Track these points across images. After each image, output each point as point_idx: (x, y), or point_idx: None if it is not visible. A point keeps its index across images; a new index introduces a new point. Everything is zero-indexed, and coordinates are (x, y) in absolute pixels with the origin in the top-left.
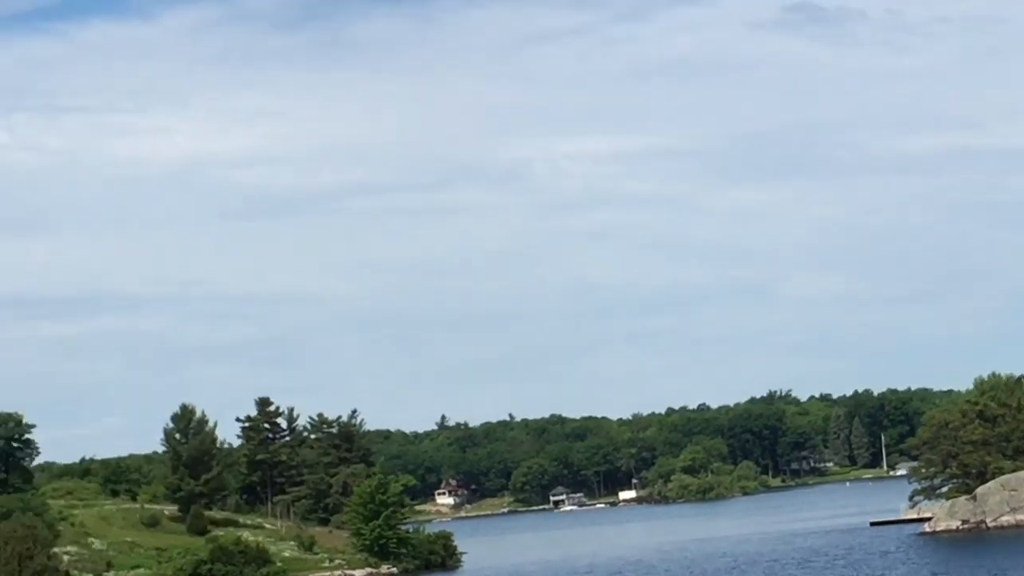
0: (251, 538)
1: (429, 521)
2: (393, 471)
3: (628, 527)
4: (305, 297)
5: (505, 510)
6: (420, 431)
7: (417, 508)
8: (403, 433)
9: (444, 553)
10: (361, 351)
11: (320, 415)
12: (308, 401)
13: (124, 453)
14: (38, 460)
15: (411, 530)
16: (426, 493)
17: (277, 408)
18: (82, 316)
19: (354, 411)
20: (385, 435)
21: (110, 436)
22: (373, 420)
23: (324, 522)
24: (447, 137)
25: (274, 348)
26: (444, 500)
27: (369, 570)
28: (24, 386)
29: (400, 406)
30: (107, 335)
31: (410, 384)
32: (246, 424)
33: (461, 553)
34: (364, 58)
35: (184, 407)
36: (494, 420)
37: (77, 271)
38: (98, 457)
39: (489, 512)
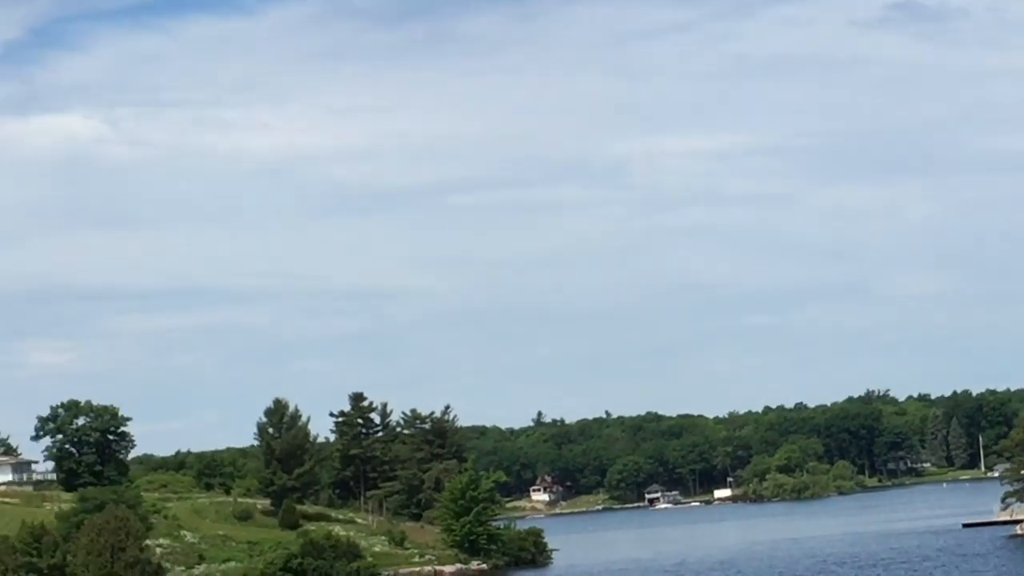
0: (342, 533)
1: (523, 517)
2: (488, 467)
3: (721, 526)
4: (403, 292)
5: (600, 507)
6: (516, 427)
7: (512, 504)
8: (499, 429)
9: (534, 550)
10: (458, 347)
11: (413, 411)
12: (405, 396)
13: (221, 447)
14: (134, 453)
15: (502, 526)
16: (521, 489)
17: (371, 403)
18: (181, 310)
19: (447, 407)
20: (481, 431)
21: (207, 429)
22: (469, 416)
23: (416, 517)
24: (547, 133)
25: (372, 343)
26: (539, 497)
27: (459, 566)
28: (123, 379)
29: (496, 402)
30: (206, 329)
31: (507, 380)
32: (340, 419)
33: (551, 550)
34: (465, 54)
35: (277, 401)
36: (590, 417)
37: (177, 265)
38: (195, 450)
39: (584, 509)
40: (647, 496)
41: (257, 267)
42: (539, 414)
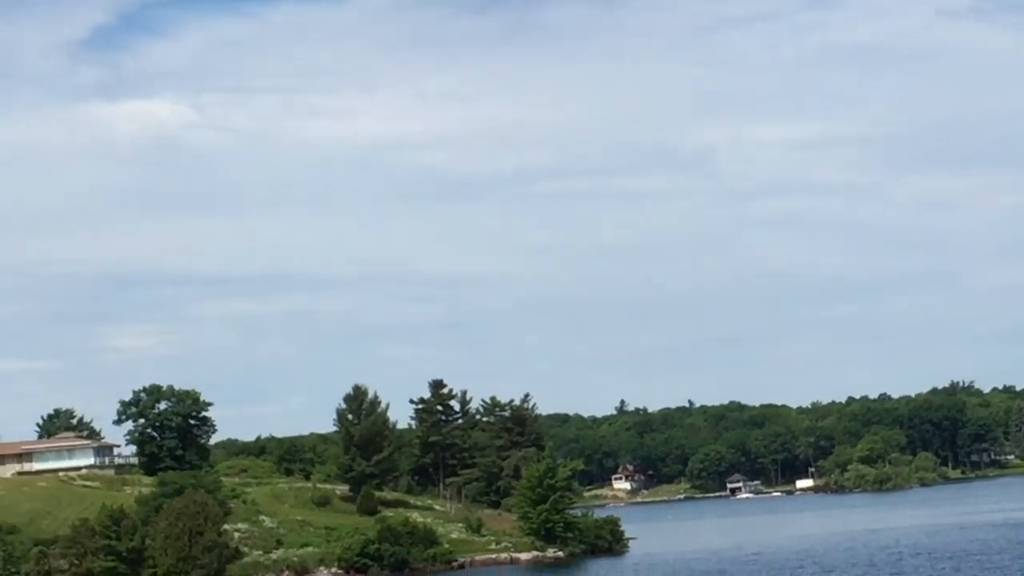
0: (419, 519)
1: (603, 505)
2: (570, 456)
3: (801, 516)
4: (488, 280)
5: (681, 496)
6: (599, 416)
7: (593, 493)
8: (581, 418)
9: (611, 538)
10: (542, 334)
11: (493, 398)
12: (487, 383)
13: (304, 432)
14: (216, 438)
15: (579, 514)
16: (603, 478)
17: (450, 391)
18: (268, 295)
19: (527, 395)
20: (563, 419)
21: (291, 415)
22: (552, 404)
23: (495, 505)
24: (633, 122)
25: (456, 330)
26: (621, 485)
27: (535, 553)
28: (207, 364)
29: (579, 390)
30: (292, 314)
31: (590, 368)
32: (420, 406)
33: (628, 539)
34: (553, 42)
35: (357, 388)
36: (673, 406)
37: (264, 250)
38: (280, 435)
39: (666, 498)
40: (729, 486)
41: (343, 253)
42: (622, 403)
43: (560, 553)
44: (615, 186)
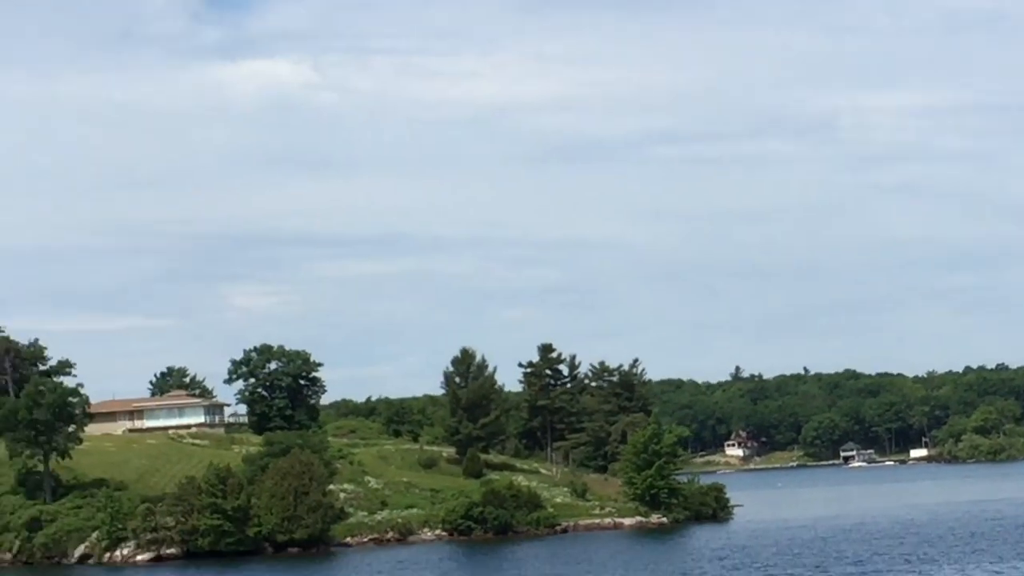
0: (524, 483)
1: (714, 472)
2: (683, 421)
3: (912, 486)
4: (605, 244)
5: (794, 464)
6: (713, 382)
7: (706, 459)
8: (695, 383)
9: (715, 505)
10: (658, 299)
11: (602, 363)
12: (601, 347)
13: (418, 394)
14: (332, 398)
15: (685, 481)
16: (716, 444)
17: (559, 355)
18: (384, 256)
19: (635, 360)
20: (677, 385)
21: (404, 377)
22: (665, 369)
23: (602, 469)
24: (753, 87)
25: (571, 294)
26: (733, 452)
27: (639, 519)
28: (324, 324)
29: (693, 356)
30: (407, 276)
31: (705, 334)
32: (528, 370)
33: (734, 506)
34: (673, 5)
35: (464, 351)
36: (788, 373)
37: (380, 212)
38: (393, 397)
39: (778, 465)
40: (842, 454)
41: (459, 216)
42: (737, 369)
43: (664, 519)
44: (734, 151)
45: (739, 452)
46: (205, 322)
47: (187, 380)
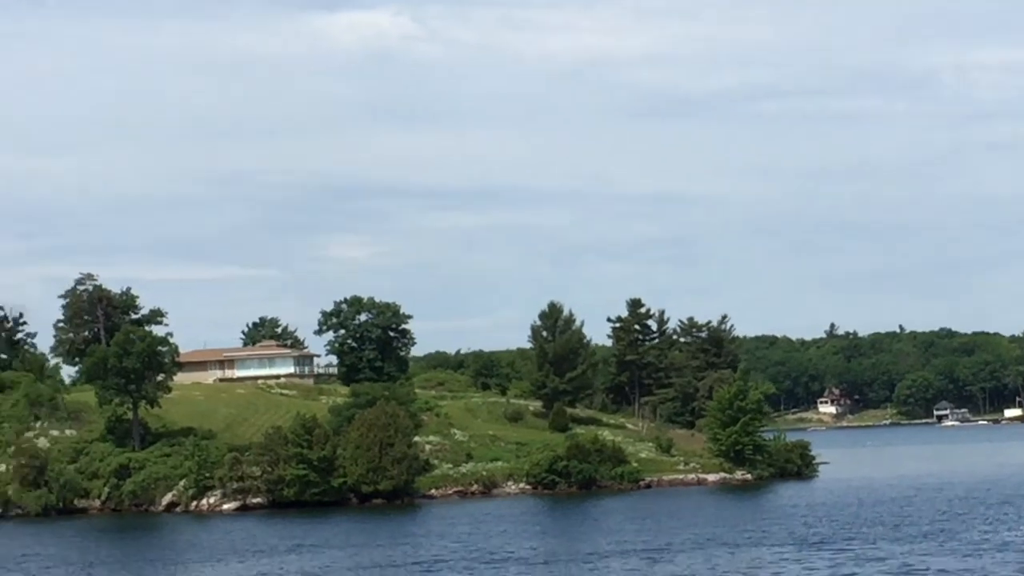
0: (609, 437)
1: (805, 429)
2: (776, 378)
3: (1003, 446)
4: (703, 199)
5: (887, 422)
6: (807, 339)
7: (798, 416)
8: (789, 340)
9: (800, 462)
10: (754, 255)
11: (690, 319)
12: (697, 302)
13: (512, 347)
14: (426, 349)
15: (771, 438)
16: (808, 401)
17: (648, 310)
18: (479, 209)
19: (724, 316)
20: (771, 341)
21: (497, 329)
22: (760, 325)
23: (690, 425)
24: (853, 43)
25: (668, 249)
26: (826, 409)
27: (723, 475)
28: (419, 275)
29: (789, 312)
30: (502, 229)
31: (801, 291)
32: (617, 325)
33: (819, 463)
34: None
35: (552, 305)
36: (882, 331)
37: (478, 164)
38: (488, 349)
39: (871, 423)
40: (935, 413)
41: (558, 169)
42: (832, 326)
43: (748, 476)
44: (834, 107)
45: (832, 409)
46: (301, 272)
47: (279, 330)
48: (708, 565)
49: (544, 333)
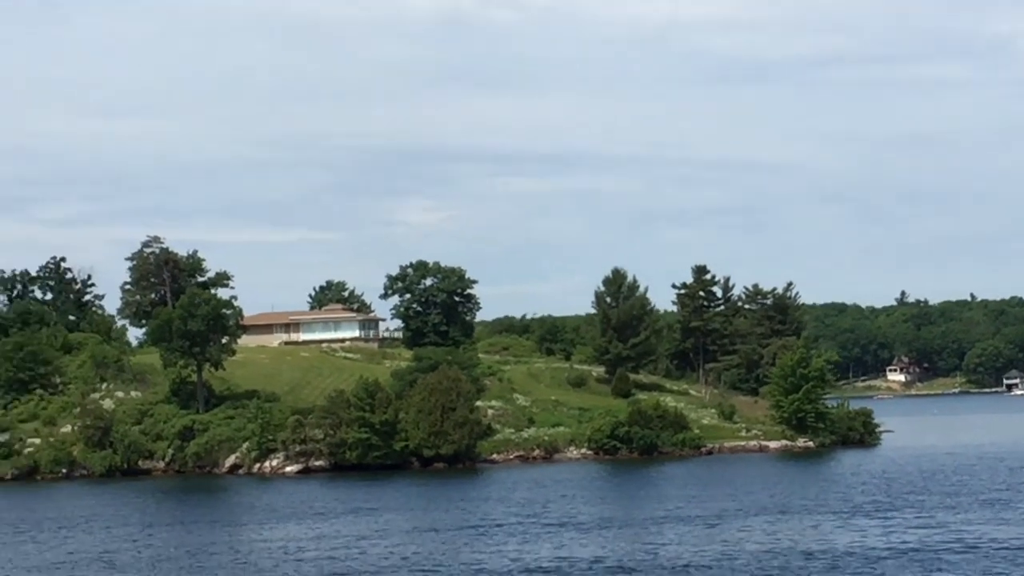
0: (672, 404)
1: (873, 397)
2: (845, 346)
3: None
4: (775, 166)
5: (956, 390)
6: (877, 306)
7: (867, 384)
8: (859, 307)
9: (863, 430)
10: (825, 222)
11: (755, 286)
12: (767, 269)
13: (581, 312)
14: (495, 314)
15: (835, 405)
16: (877, 369)
17: (713, 277)
18: (552, 174)
19: (789, 283)
20: (840, 308)
21: (566, 294)
22: (829, 293)
23: (753, 392)
24: (931, 9)
25: (738, 215)
26: (895, 377)
27: (785, 442)
28: (489, 240)
29: (859, 280)
30: (575, 194)
31: (872, 258)
32: (682, 291)
33: (882, 431)
34: None
35: (616, 271)
36: (953, 299)
37: (551, 129)
38: (556, 315)
39: (940, 392)
40: (1005, 381)
41: (631, 135)
42: (903, 294)
43: (810, 443)
44: (909, 74)
45: (901, 377)
46: (371, 236)
47: (345, 294)
48: (762, 532)
49: (608, 299)
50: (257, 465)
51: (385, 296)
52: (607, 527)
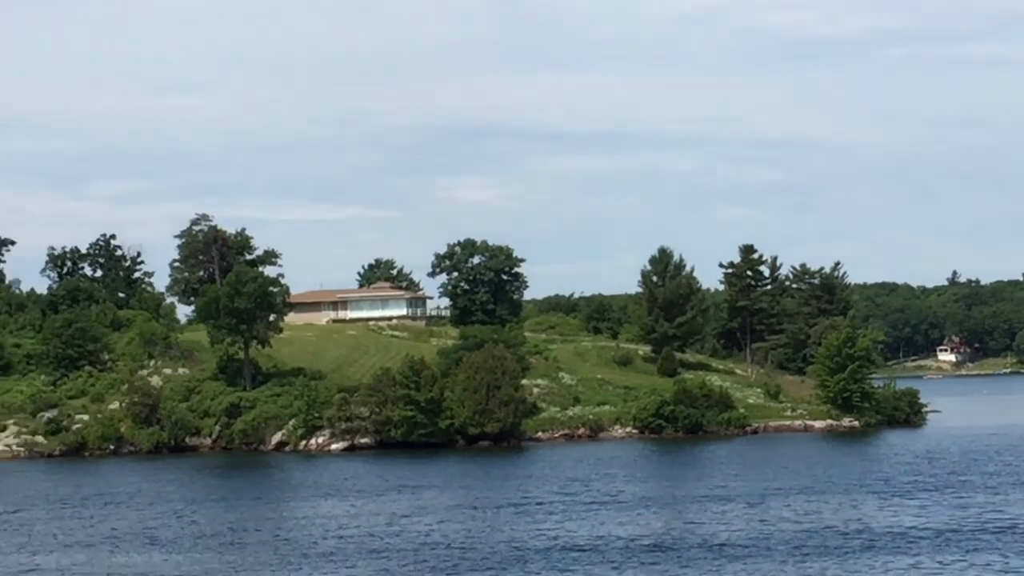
0: (717, 383)
1: (922, 377)
2: (895, 325)
3: None
4: (828, 145)
5: (1007, 371)
6: (928, 286)
7: (917, 364)
8: (910, 287)
9: (909, 410)
10: (879, 202)
11: (803, 265)
12: (819, 248)
13: (632, 291)
14: (545, 292)
15: (881, 385)
16: (928, 349)
17: (760, 256)
18: (606, 152)
19: (837, 263)
20: (891, 288)
21: (617, 273)
22: (880, 272)
23: (800, 372)
24: None
25: (791, 195)
26: (945, 357)
27: (830, 422)
28: (541, 218)
29: (911, 259)
30: (629, 173)
31: (924, 238)
32: (729, 270)
33: (928, 411)
34: None
35: (662, 250)
36: (1005, 279)
37: (604, 107)
38: (606, 294)
39: (990, 372)
40: None
41: (683, 113)
42: (954, 273)
43: (855, 423)
44: (965, 53)
45: (951, 357)
46: (422, 214)
47: (394, 272)
48: (802, 511)
49: (654, 278)
50: (303, 442)
51: (433, 274)
52: (647, 506)
